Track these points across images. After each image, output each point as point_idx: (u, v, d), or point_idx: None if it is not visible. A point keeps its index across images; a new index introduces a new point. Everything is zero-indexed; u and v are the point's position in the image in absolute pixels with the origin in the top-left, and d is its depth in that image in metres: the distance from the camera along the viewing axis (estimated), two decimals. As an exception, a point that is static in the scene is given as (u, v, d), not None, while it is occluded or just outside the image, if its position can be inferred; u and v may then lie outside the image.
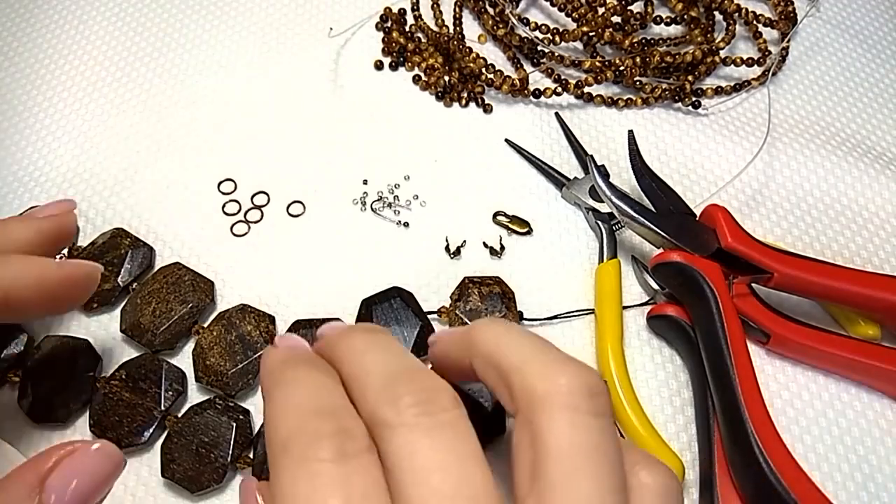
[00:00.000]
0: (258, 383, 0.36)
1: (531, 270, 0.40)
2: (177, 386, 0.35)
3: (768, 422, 0.32)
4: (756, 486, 0.31)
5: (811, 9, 0.51)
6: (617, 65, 0.45)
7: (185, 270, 0.38)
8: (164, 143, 0.44)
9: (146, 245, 0.39)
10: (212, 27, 0.49)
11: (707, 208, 0.37)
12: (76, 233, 0.32)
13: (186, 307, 0.37)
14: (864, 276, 0.36)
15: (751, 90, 0.47)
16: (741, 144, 0.45)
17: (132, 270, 0.38)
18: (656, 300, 0.39)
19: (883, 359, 0.35)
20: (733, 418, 0.32)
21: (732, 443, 0.32)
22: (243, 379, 0.35)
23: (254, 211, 0.42)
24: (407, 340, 0.36)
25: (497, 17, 0.48)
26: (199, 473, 0.33)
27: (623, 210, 0.36)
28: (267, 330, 0.36)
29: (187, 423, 0.34)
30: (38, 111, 0.45)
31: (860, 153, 0.45)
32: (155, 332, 0.36)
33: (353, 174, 0.43)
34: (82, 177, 0.43)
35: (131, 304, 0.37)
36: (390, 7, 0.49)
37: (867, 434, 0.36)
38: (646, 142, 0.45)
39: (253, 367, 0.35)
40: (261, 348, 0.35)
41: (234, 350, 0.35)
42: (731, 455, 0.32)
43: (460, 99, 0.46)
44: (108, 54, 0.48)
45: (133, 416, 0.34)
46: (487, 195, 0.43)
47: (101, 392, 0.34)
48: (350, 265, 0.40)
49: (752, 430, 0.32)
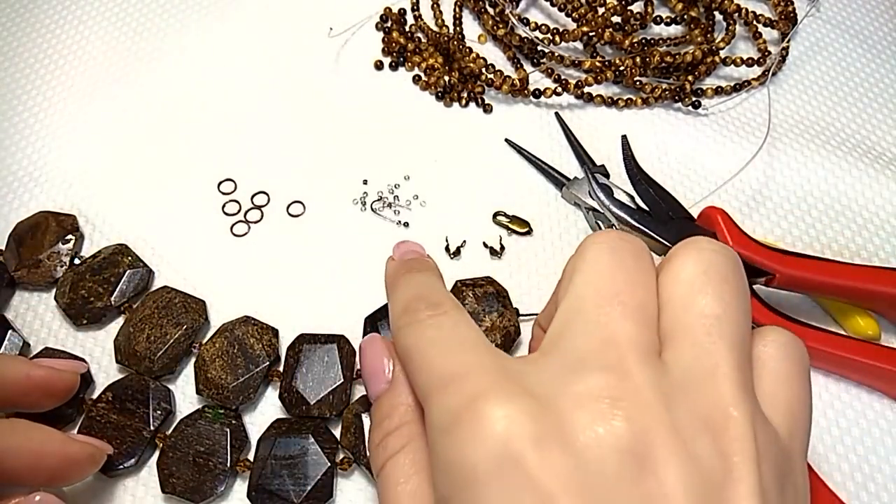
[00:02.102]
0: (260, 397, 0.36)
1: (531, 270, 0.40)
2: (164, 405, 0.34)
3: None
4: None
5: (811, 9, 0.51)
6: (617, 65, 0.45)
7: (174, 293, 0.37)
8: (164, 142, 0.44)
9: (145, 266, 0.39)
10: (212, 27, 0.49)
11: (705, 210, 0.37)
12: (74, 389, 0.33)
13: (181, 329, 0.36)
14: (865, 270, 0.36)
15: (751, 90, 0.47)
16: (741, 144, 0.45)
17: (127, 292, 0.38)
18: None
19: (883, 359, 0.35)
20: None
21: None
22: (244, 393, 0.35)
23: (254, 211, 0.42)
24: None
25: (497, 17, 0.48)
26: (200, 483, 0.32)
27: (622, 219, 0.36)
28: (270, 343, 0.36)
29: (180, 437, 0.33)
30: (37, 111, 0.45)
31: (860, 153, 0.45)
32: (152, 358, 0.35)
33: (353, 174, 0.43)
34: (82, 176, 0.43)
35: (123, 333, 0.36)
36: (390, 7, 0.49)
37: (867, 434, 0.36)
38: (646, 142, 0.45)
39: (254, 381, 0.35)
40: (263, 362, 0.35)
41: (235, 363, 0.35)
42: None
43: (460, 99, 0.46)
44: (108, 54, 0.48)
45: (122, 437, 0.33)
46: (487, 195, 0.43)
47: (89, 415, 0.34)
48: (350, 265, 0.40)
49: None
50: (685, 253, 0.23)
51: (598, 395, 0.20)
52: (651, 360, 0.21)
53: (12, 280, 0.38)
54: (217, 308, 0.38)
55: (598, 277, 0.23)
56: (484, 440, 0.19)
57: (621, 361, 0.21)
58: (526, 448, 0.19)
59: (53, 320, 0.38)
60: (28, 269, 0.38)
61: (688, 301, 0.22)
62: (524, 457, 0.19)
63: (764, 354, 0.23)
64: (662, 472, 0.19)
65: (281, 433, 0.33)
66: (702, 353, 0.21)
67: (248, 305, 0.38)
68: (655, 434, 0.19)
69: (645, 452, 0.19)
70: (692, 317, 0.22)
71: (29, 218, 0.40)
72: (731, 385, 0.21)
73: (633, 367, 0.21)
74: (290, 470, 0.32)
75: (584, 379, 0.20)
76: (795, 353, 0.23)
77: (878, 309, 0.38)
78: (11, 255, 0.39)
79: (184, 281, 0.39)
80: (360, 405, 0.34)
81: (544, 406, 0.20)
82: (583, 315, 0.22)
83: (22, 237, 0.39)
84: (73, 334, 0.38)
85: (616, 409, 0.20)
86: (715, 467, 0.19)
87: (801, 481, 0.22)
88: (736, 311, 0.22)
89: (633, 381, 0.20)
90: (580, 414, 0.20)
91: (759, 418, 0.21)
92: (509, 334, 0.36)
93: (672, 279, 0.23)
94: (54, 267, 0.38)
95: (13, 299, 0.39)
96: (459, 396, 0.21)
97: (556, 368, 0.21)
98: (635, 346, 0.21)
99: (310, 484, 0.32)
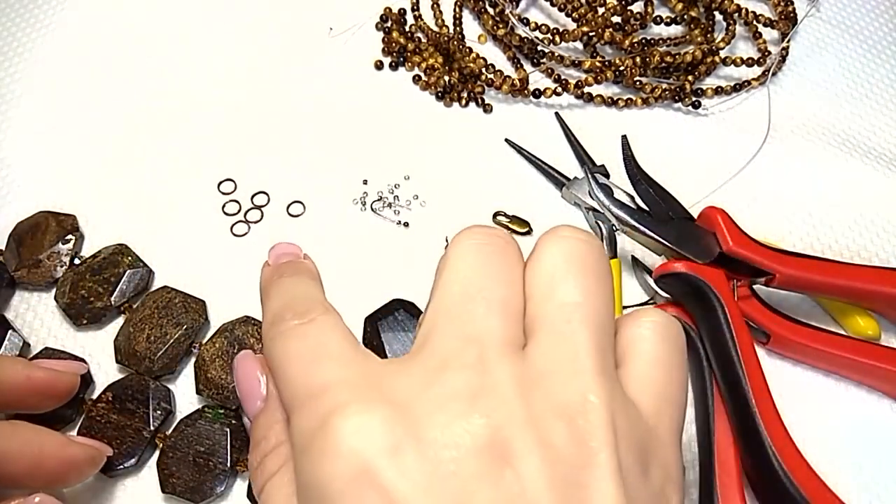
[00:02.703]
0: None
1: (531, 270, 0.40)
2: (165, 405, 0.34)
3: (782, 429, 0.32)
4: (774, 492, 0.31)
5: (811, 9, 0.51)
6: (617, 65, 0.45)
7: (174, 293, 0.37)
8: (164, 142, 0.44)
9: (145, 266, 0.39)
10: (212, 27, 0.49)
11: (705, 210, 0.37)
12: (74, 390, 0.33)
13: (181, 329, 0.36)
14: (865, 270, 0.36)
15: (751, 90, 0.47)
16: (741, 144, 0.45)
17: (127, 292, 0.38)
18: (656, 300, 0.39)
19: (883, 359, 0.35)
20: (748, 428, 0.32)
21: (747, 450, 0.32)
22: None
23: (254, 211, 0.42)
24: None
25: (497, 17, 0.48)
26: (200, 483, 0.32)
27: (622, 219, 0.36)
28: None
29: (180, 437, 0.33)
30: (37, 111, 0.45)
31: (860, 153, 0.45)
32: (152, 358, 0.35)
33: (353, 174, 0.43)
34: (82, 176, 0.43)
35: (123, 333, 0.36)
36: (390, 7, 0.49)
37: (867, 434, 0.36)
38: (646, 142, 0.44)
39: None
40: None
41: None
42: (746, 461, 0.32)
43: (460, 99, 0.46)
44: (109, 54, 0.48)
45: (122, 437, 0.33)
46: (487, 195, 0.43)
47: (88, 415, 0.34)
48: (350, 265, 0.40)
49: (769, 443, 0.31)
50: (546, 243, 0.23)
51: (456, 395, 0.20)
52: (512, 354, 0.21)
53: (12, 280, 0.38)
54: (217, 308, 0.38)
55: (463, 275, 0.22)
56: (336, 457, 0.19)
57: (481, 358, 0.20)
58: (380, 459, 0.19)
59: (53, 320, 0.38)
60: (28, 269, 0.38)
61: (548, 291, 0.22)
62: (378, 469, 0.18)
63: (637, 336, 0.23)
64: (520, 466, 0.19)
65: (281, 433, 0.33)
66: (561, 341, 0.21)
67: (248, 305, 0.38)
68: (513, 428, 0.19)
69: (503, 448, 0.19)
70: (553, 306, 0.22)
71: (29, 218, 0.40)
72: (589, 371, 0.20)
73: (493, 363, 0.20)
74: (290, 470, 0.32)
75: (445, 379, 0.20)
76: (670, 334, 0.23)
77: (878, 309, 0.38)
78: (11, 255, 0.39)
79: (184, 281, 0.39)
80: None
81: (404, 412, 0.20)
82: (447, 314, 0.22)
83: (22, 237, 0.39)
84: (73, 334, 0.38)
85: (473, 408, 0.19)
86: (573, 454, 0.19)
87: (671, 461, 0.22)
88: (596, 296, 0.22)
89: (492, 376, 0.20)
90: (438, 416, 0.19)
91: (618, 401, 0.21)
92: (509, 334, 0.36)
93: (534, 271, 0.23)
94: (54, 267, 0.38)
95: (13, 299, 0.39)
96: (315, 413, 0.20)
97: (420, 370, 0.21)
98: (497, 342, 0.21)
99: (310, 484, 0.32)
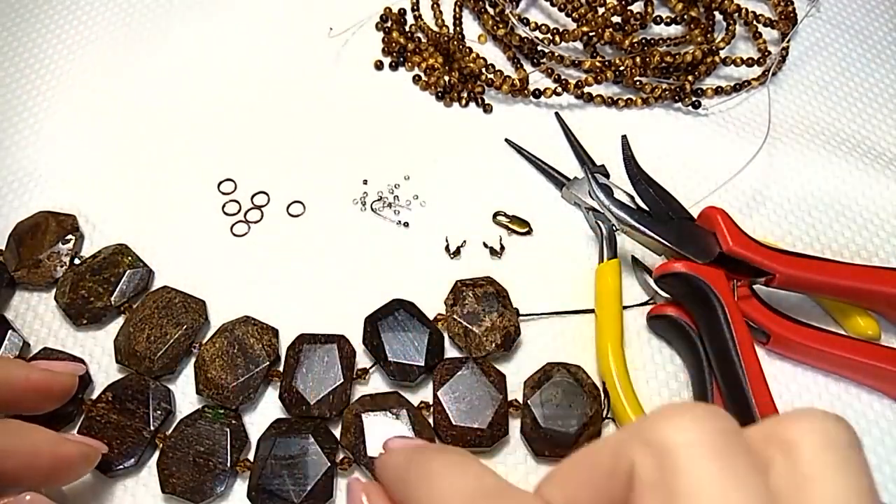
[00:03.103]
0: (260, 397, 0.36)
1: (531, 270, 0.40)
2: (164, 405, 0.34)
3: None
4: None
5: (811, 9, 0.51)
6: (617, 65, 0.45)
7: (174, 293, 0.37)
8: (164, 143, 0.44)
9: (145, 266, 0.39)
10: (212, 28, 0.49)
11: (705, 210, 0.37)
12: (72, 392, 0.33)
13: (181, 329, 0.36)
14: (865, 270, 0.36)
15: (751, 90, 0.47)
16: (741, 144, 0.45)
17: (127, 292, 0.38)
18: (656, 300, 0.39)
19: (883, 359, 0.35)
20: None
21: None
22: (244, 393, 0.35)
23: (254, 211, 0.42)
24: (419, 347, 0.36)
25: (497, 17, 0.48)
26: (200, 483, 0.32)
27: (622, 219, 0.36)
28: (270, 343, 0.36)
29: (180, 437, 0.33)
30: (37, 111, 0.45)
31: (860, 153, 0.45)
32: (152, 358, 0.35)
33: (353, 174, 0.43)
34: (82, 176, 0.43)
35: (123, 333, 0.36)
36: (390, 7, 0.49)
37: (867, 434, 0.36)
38: (646, 142, 0.44)
39: (254, 381, 0.35)
40: (263, 362, 0.35)
41: (235, 363, 0.35)
42: None
43: (460, 99, 0.46)
44: (109, 55, 0.48)
45: (122, 437, 0.33)
46: (487, 195, 0.43)
47: (88, 415, 0.34)
48: (350, 265, 0.40)
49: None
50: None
51: None
52: None
53: (12, 280, 0.38)
54: (217, 308, 0.38)
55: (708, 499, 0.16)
56: None
57: None
58: None
59: (53, 320, 0.38)
60: (28, 269, 0.38)
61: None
62: None
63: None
64: None
65: (281, 433, 0.33)
66: None
67: (248, 305, 0.38)
68: None
69: None
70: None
71: (29, 218, 0.40)
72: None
73: None
74: (290, 470, 0.32)
75: None
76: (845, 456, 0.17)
77: (878, 309, 0.38)
78: (11, 255, 0.39)
79: (184, 281, 0.39)
80: (360, 405, 0.34)
81: None
82: None
83: (22, 237, 0.39)
84: (73, 334, 0.38)
85: None
86: None
87: None
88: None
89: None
90: None
91: None
92: (509, 334, 0.36)
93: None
94: (54, 267, 0.38)
95: (13, 299, 0.39)
96: None
97: None
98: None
99: (310, 484, 0.32)
